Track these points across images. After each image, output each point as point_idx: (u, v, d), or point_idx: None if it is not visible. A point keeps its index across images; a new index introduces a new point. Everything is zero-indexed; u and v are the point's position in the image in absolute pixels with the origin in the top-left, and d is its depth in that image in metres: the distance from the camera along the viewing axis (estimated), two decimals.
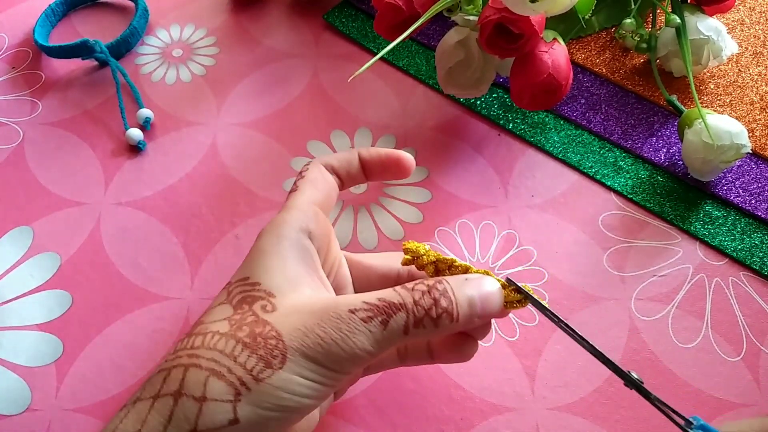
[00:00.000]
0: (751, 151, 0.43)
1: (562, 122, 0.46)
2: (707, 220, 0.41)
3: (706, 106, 0.46)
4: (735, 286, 0.39)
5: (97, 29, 0.55)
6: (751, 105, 0.46)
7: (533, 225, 0.42)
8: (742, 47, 0.49)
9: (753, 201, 0.42)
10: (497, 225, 0.42)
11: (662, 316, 0.38)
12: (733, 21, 0.50)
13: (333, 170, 0.32)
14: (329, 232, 0.30)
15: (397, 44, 0.39)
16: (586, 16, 0.43)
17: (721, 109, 0.46)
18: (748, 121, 0.45)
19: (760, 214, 0.41)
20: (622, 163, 0.44)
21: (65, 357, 0.38)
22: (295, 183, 0.31)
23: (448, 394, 0.36)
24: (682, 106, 0.44)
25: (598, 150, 0.45)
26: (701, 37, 0.43)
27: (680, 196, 0.43)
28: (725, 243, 0.40)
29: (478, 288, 0.27)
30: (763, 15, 0.50)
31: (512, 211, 0.43)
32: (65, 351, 0.39)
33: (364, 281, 0.33)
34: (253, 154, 0.47)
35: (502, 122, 0.47)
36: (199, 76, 0.52)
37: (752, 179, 0.43)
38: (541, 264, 0.40)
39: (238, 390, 0.23)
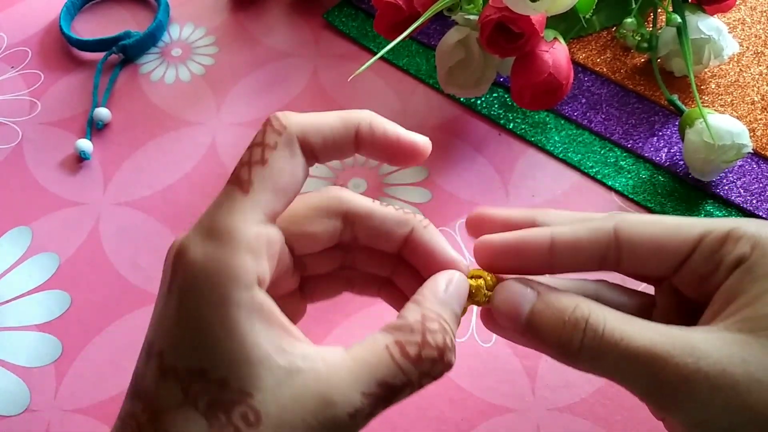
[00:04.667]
0: (752, 151, 0.43)
1: (562, 122, 0.46)
2: None
3: (707, 106, 0.45)
4: None
5: (110, 25, 0.55)
6: (752, 105, 0.45)
7: None
8: (743, 47, 0.48)
9: (754, 201, 0.42)
10: None
11: None
12: (734, 20, 0.50)
13: (308, 147, 0.24)
14: (278, 255, 0.23)
15: (397, 43, 0.39)
16: (587, 16, 0.43)
17: (723, 109, 0.45)
18: (750, 120, 0.45)
19: (761, 214, 0.41)
20: (623, 163, 0.44)
21: (64, 357, 0.38)
22: (249, 160, 0.24)
23: (448, 394, 0.36)
24: (683, 106, 0.44)
25: (599, 150, 0.45)
26: (702, 36, 0.43)
27: (681, 196, 0.42)
28: None
29: (458, 298, 0.24)
30: (765, 14, 0.50)
31: None
32: (64, 351, 0.39)
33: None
34: None
35: (502, 122, 0.47)
36: (199, 75, 0.51)
37: (753, 179, 0.42)
38: None
39: None
